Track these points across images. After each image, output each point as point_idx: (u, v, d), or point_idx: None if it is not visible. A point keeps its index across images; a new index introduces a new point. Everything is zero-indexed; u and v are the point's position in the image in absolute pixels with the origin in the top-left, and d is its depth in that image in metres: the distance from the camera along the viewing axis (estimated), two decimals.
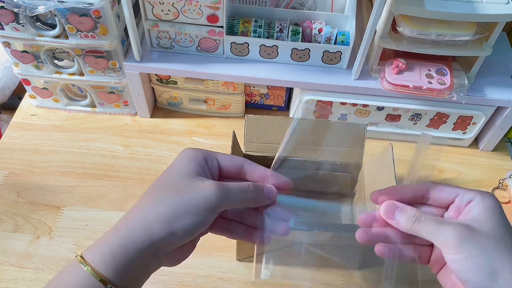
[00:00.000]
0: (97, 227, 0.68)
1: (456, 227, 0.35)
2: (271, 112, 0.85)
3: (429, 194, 0.40)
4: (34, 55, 0.73)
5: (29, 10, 0.61)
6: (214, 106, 0.82)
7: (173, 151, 0.78)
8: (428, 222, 0.37)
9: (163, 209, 0.36)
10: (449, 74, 0.70)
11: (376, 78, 0.71)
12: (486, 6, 0.62)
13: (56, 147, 0.78)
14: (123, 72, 0.74)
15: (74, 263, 0.36)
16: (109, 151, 0.78)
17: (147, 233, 0.36)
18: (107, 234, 0.38)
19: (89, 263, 0.35)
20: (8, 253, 0.65)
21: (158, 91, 0.81)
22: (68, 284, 0.35)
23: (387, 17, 0.64)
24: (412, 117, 0.76)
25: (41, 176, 0.74)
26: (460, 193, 0.39)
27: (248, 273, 0.64)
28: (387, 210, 0.39)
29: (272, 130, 0.62)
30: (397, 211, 0.39)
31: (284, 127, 0.61)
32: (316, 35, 0.71)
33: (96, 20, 0.64)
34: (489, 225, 0.35)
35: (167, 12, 0.67)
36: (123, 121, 0.83)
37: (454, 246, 0.34)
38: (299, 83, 0.72)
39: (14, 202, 0.70)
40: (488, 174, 0.78)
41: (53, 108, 0.83)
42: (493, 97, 0.71)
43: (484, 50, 0.67)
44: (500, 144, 0.80)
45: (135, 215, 0.37)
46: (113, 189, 0.73)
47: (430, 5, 0.62)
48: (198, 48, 0.73)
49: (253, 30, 0.70)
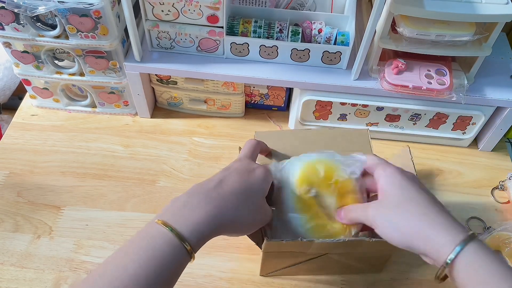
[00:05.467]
0: (97, 227, 0.68)
1: (371, 208, 0.49)
2: (271, 113, 0.85)
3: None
4: (35, 55, 0.73)
5: (29, 10, 0.61)
6: (214, 106, 0.82)
7: (173, 151, 0.78)
8: (356, 211, 0.52)
9: (248, 219, 0.49)
10: (449, 74, 0.70)
11: (376, 78, 0.72)
12: (485, 7, 0.62)
13: (56, 147, 0.78)
14: (124, 72, 0.74)
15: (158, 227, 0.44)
16: (109, 151, 0.78)
17: (233, 227, 0.48)
18: (196, 208, 0.45)
19: (175, 228, 0.43)
20: (8, 253, 0.65)
21: (158, 91, 0.81)
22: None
23: (387, 17, 0.64)
24: (411, 117, 0.77)
25: (42, 176, 0.74)
26: (375, 169, 0.51)
27: (248, 273, 0.64)
28: (337, 215, 0.53)
29: (280, 141, 0.63)
30: (339, 211, 0.53)
31: (292, 139, 0.62)
32: (316, 35, 0.71)
33: (97, 21, 0.65)
34: (389, 194, 0.48)
35: (167, 12, 0.68)
36: (123, 121, 0.83)
37: (374, 223, 0.48)
38: (299, 83, 0.72)
39: (15, 202, 0.71)
40: (488, 174, 0.78)
41: (53, 108, 0.83)
42: (492, 97, 0.71)
43: (484, 50, 0.67)
44: (499, 144, 0.80)
45: (228, 211, 0.47)
46: (113, 189, 0.73)
47: (430, 6, 0.62)
48: (198, 48, 0.73)
49: (253, 30, 0.70)
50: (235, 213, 0.47)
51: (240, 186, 0.49)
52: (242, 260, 0.65)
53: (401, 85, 0.69)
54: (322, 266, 0.61)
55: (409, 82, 0.68)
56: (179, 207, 0.46)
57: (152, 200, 0.72)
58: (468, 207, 0.73)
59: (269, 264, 0.60)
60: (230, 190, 0.48)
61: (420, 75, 0.69)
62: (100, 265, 0.42)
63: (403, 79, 0.69)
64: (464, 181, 0.77)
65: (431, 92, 0.68)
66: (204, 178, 0.74)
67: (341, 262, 0.60)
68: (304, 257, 0.57)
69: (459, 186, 0.76)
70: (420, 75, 0.69)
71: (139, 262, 0.41)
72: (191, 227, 0.44)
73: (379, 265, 0.63)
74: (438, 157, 0.80)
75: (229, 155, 0.78)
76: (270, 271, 0.63)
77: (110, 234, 0.67)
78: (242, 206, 0.48)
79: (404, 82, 0.69)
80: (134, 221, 0.69)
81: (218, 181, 0.49)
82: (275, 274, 0.63)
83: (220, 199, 0.47)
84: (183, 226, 0.43)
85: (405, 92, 0.69)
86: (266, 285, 0.63)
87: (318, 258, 0.57)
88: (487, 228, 0.70)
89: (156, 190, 0.73)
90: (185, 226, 0.43)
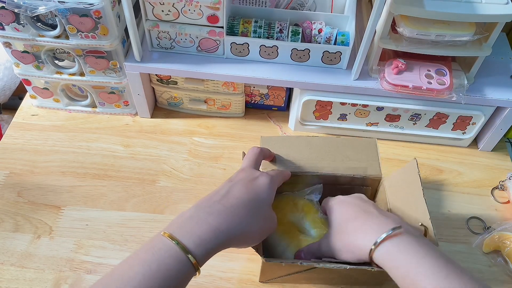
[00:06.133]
0: (98, 227, 0.68)
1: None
2: (271, 113, 0.85)
3: None
4: (35, 55, 0.73)
5: (29, 10, 0.61)
6: (214, 106, 0.82)
7: (173, 151, 0.78)
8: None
9: (256, 229, 0.50)
10: (449, 74, 0.70)
11: (376, 78, 0.72)
12: (485, 7, 0.62)
13: (56, 147, 0.78)
14: (124, 72, 0.74)
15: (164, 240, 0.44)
16: (109, 151, 0.78)
17: (241, 239, 0.48)
18: (202, 222, 0.45)
19: (181, 241, 0.43)
20: (8, 252, 0.65)
21: (158, 91, 0.81)
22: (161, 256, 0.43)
23: (387, 17, 0.64)
24: (411, 117, 0.77)
25: (42, 176, 0.74)
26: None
27: (249, 273, 0.64)
28: None
29: (285, 147, 0.63)
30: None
31: (297, 144, 0.63)
32: (316, 35, 0.71)
33: (97, 21, 0.65)
34: (332, 219, 0.55)
35: (167, 12, 0.68)
36: (123, 121, 0.83)
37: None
38: (299, 83, 0.72)
39: (15, 202, 0.71)
40: (488, 174, 0.78)
41: (53, 108, 0.83)
42: (492, 97, 0.71)
43: (484, 50, 0.67)
44: (499, 144, 0.80)
45: (236, 224, 0.47)
46: (114, 189, 0.73)
47: (430, 6, 0.62)
48: (198, 49, 0.73)
49: (253, 30, 0.70)
50: (243, 224, 0.47)
51: (247, 196, 0.49)
52: (242, 260, 0.66)
53: (401, 85, 0.69)
54: (322, 276, 0.61)
55: (409, 82, 0.69)
56: (185, 220, 0.45)
57: (152, 200, 0.72)
58: (468, 207, 0.73)
59: (268, 272, 0.60)
60: (236, 202, 0.48)
61: (420, 75, 0.70)
62: (105, 275, 0.42)
63: (403, 79, 0.69)
64: (464, 181, 0.77)
65: (431, 92, 0.68)
66: (204, 178, 0.75)
67: (342, 273, 0.59)
68: (304, 267, 0.57)
69: (459, 186, 0.76)
70: (420, 75, 0.70)
71: (144, 275, 0.40)
72: (197, 241, 0.43)
73: (380, 279, 0.63)
74: (438, 157, 0.80)
75: (229, 155, 0.78)
76: (270, 278, 0.62)
77: (110, 234, 0.67)
78: (250, 216, 0.48)
79: (404, 82, 0.69)
80: (134, 221, 0.69)
81: (224, 193, 0.49)
82: (275, 282, 0.63)
83: (227, 212, 0.47)
84: (189, 240, 0.43)
85: (405, 92, 0.69)
86: (267, 285, 0.63)
87: (318, 269, 0.57)
88: (487, 228, 0.70)
89: (156, 190, 0.73)
90: (192, 240, 0.43)
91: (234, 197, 0.48)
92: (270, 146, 0.62)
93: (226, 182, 0.51)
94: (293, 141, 0.65)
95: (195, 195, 0.73)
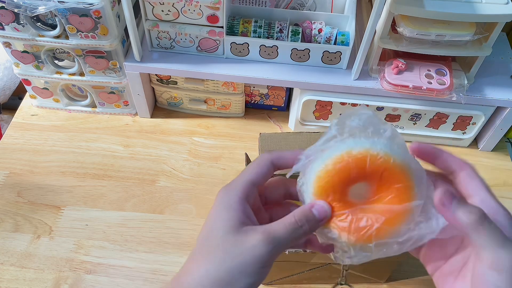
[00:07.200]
0: (97, 227, 0.68)
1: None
2: (271, 112, 0.85)
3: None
4: (35, 55, 0.73)
5: (29, 10, 0.61)
6: (214, 106, 0.82)
7: (173, 151, 0.78)
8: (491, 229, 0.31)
9: (217, 275, 0.33)
10: (449, 74, 0.70)
11: (376, 78, 0.72)
12: (485, 6, 0.62)
13: (56, 147, 0.78)
14: (124, 72, 0.74)
15: None
16: (109, 151, 0.78)
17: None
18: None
19: None
20: (8, 253, 0.65)
21: (158, 91, 0.81)
22: None
23: (387, 17, 0.64)
24: (411, 117, 0.77)
25: (42, 176, 0.74)
26: (456, 168, 0.35)
27: None
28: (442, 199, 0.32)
29: (286, 146, 0.63)
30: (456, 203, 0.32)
31: (298, 142, 0.62)
32: (316, 35, 0.71)
33: (97, 21, 0.65)
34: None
35: (167, 12, 0.67)
36: (123, 121, 0.83)
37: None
38: (299, 83, 0.72)
39: (15, 202, 0.71)
40: (488, 174, 0.78)
41: (53, 108, 0.83)
42: (492, 97, 0.71)
43: (484, 50, 0.67)
44: (499, 144, 0.80)
45: (189, 283, 0.35)
46: (113, 189, 0.73)
47: (430, 6, 0.62)
48: (198, 48, 0.73)
49: (253, 30, 0.70)
50: None
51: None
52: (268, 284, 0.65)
53: (401, 85, 0.69)
54: (325, 276, 0.61)
55: (409, 82, 0.68)
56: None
57: (152, 200, 0.72)
58: None
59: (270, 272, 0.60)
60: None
61: (420, 75, 0.69)
62: None
63: (403, 79, 0.69)
64: None
65: (431, 92, 0.68)
66: (204, 178, 0.75)
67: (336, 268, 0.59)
68: (307, 267, 0.57)
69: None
70: (420, 75, 0.69)
71: None
72: None
73: (383, 275, 0.63)
74: None
75: (229, 155, 0.78)
76: (272, 280, 0.62)
77: (110, 234, 0.67)
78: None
79: (404, 82, 0.69)
80: (134, 221, 0.69)
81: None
82: (277, 283, 0.63)
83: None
84: None
85: (405, 92, 0.69)
86: (267, 285, 0.63)
87: (321, 268, 0.57)
88: None
89: (156, 190, 0.73)
90: None
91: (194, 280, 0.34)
92: (270, 144, 0.62)
93: (199, 243, 0.36)
94: (293, 138, 0.65)
95: (195, 195, 0.73)
